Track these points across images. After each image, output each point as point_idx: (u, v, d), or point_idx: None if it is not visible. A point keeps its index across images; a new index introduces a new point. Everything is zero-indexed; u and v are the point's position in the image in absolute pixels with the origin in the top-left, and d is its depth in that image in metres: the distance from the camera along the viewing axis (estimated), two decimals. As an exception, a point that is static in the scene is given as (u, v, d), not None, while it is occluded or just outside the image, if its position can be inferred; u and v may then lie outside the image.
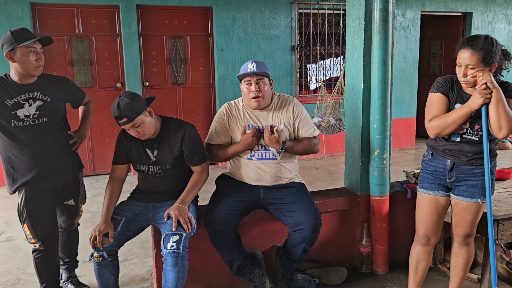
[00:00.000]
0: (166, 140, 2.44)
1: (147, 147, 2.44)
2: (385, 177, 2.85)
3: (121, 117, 2.25)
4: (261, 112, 2.58)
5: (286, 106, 2.60)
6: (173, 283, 2.24)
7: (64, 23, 5.58)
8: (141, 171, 2.50)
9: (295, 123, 2.60)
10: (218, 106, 6.25)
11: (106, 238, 2.29)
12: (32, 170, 2.36)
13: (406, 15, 6.99)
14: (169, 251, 2.22)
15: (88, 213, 4.28)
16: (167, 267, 2.24)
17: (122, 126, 2.31)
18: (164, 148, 2.43)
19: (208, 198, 2.62)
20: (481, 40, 2.08)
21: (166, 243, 2.24)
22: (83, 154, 5.68)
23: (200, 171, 2.50)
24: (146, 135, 2.36)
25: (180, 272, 2.24)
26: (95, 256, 2.30)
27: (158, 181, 2.48)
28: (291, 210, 2.45)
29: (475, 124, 2.21)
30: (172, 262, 2.22)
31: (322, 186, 5.02)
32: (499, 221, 2.45)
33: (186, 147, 2.43)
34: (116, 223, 2.36)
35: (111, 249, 2.32)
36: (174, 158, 2.44)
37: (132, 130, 2.31)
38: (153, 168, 2.45)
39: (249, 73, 2.46)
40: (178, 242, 2.23)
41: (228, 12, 6.10)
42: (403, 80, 7.16)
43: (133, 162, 2.50)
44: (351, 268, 3.00)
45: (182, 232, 2.27)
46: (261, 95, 2.49)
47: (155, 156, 2.44)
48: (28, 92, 2.32)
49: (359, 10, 2.81)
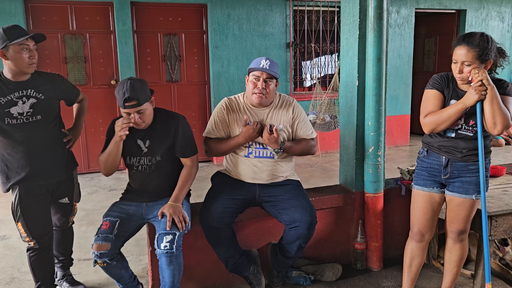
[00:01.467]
0: (158, 130, 2.41)
1: (139, 138, 2.40)
2: (379, 174, 2.86)
3: (132, 99, 2.19)
4: (261, 110, 2.58)
5: (287, 106, 2.60)
6: (170, 279, 2.27)
7: (58, 20, 5.54)
8: (131, 165, 2.44)
9: (295, 124, 2.60)
10: (213, 103, 6.24)
11: (105, 243, 2.24)
12: (26, 168, 2.34)
13: (400, 12, 7.01)
14: (163, 251, 2.22)
15: (83, 211, 4.27)
16: (162, 265, 2.26)
17: (126, 110, 2.24)
18: (156, 138, 2.41)
19: (203, 195, 2.62)
20: (477, 37, 2.10)
21: (160, 243, 2.23)
22: (77, 152, 5.65)
23: (190, 165, 2.48)
24: (143, 124, 2.32)
25: (175, 269, 2.26)
26: (99, 263, 2.28)
27: (149, 177, 2.45)
28: (286, 208, 2.46)
29: (470, 120, 2.22)
30: (167, 261, 2.23)
31: (317, 183, 5.03)
32: (492, 218, 2.47)
33: (179, 137, 2.41)
34: (112, 225, 2.32)
35: (112, 253, 2.28)
36: (165, 149, 2.41)
37: (134, 115, 2.25)
38: (144, 160, 2.41)
39: (261, 69, 2.46)
40: (172, 242, 2.22)
41: (222, 9, 6.08)
42: (398, 77, 7.18)
43: (124, 155, 2.44)
44: (346, 265, 3.02)
45: (175, 231, 2.26)
46: (265, 93, 2.49)
47: (146, 147, 2.41)
48: (22, 89, 2.30)
49: (354, 8, 2.81)
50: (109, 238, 2.27)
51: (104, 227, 2.31)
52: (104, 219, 2.37)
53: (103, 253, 2.24)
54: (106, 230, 2.29)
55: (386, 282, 2.83)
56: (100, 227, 2.34)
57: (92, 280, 2.93)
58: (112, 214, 2.39)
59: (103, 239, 2.25)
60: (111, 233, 2.28)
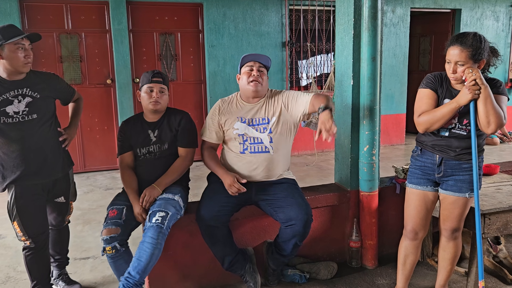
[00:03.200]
0: (166, 122, 2.59)
1: (150, 129, 2.57)
2: (374, 172, 2.88)
3: (159, 76, 2.53)
4: (253, 105, 2.61)
5: (276, 95, 2.65)
6: (147, 259, 2.18)
7: (53, 19, 5.52)
8: (139, 156, 2.58)
9: (288, 100, 2.59)
10: (209, 103, 6.24)
11: (115, 227, 2.31)
12: (22, 167, 2.34)
13: (396, 11, 7.03)
14: (153, 224, 2.23)
15: (79, 210, 4.27)
16: (146, 239, 2.21)
17: (151, 84, 2.51)
18: (164, 128, 2.58)
19: (199, 194, 2.63)
20: (470, 37, 2.11)
21: (152, 217, 2.27)
22: (73, 151, 5.65)
23: (184, 156, 2.59)
24: (159, 105, 2.52)
25: (157, 249, 2.21)
26: (107, 250, 2.30)
27: (154, 164, 2.55)
28: (282, 206, 2.47)
29: (464, 119, 2.24)
30: (154, 234, 2.21)
31: (313, 182, 5.05)
32: (486, 216, 2.49)
33: (181, 128, 2.57)
34: (119, 212, 2.39)
35: (121, 238, 2.33)
36: (172, 137, 2.57)
37: (157, 91, 2.51)
38: (153, 148, 2.57)
39: (253, 58, 2.55)
40: (164, 218, 2.26)
41: (218, 8, 6.09)
42: (393, 76, 7.20)
43: (134, 147, 2.59)
44: (341, 263, 3.03)
45: (168, 211, 2.30)
46: (260, 81, 2.54)
47: (155, 136, 2.57)
48: (17, 88, 2.31)
49: (348, 7, 2.82)
50: (118, 223, 2.34)
51: (112, 214, 2.38)
52: (110, 208, 2.43)
53: (113, 236, 2.30)
54: (115, 216, 2.37)
55: (381, 280, 2.85)
56: (107, 215, 2.41)
57: (88, 279, 2.94)
58: (117, 202, 2.47)
59: (112, 224, 2.33)
60: (119, 219, 2.36)
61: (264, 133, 2.57)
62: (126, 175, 2.56)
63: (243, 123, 2.57)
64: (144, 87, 2.53)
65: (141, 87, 2.58)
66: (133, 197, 2.45)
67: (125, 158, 2.61)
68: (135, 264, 2.19)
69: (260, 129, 2.57)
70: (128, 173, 2.57)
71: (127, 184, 2.52)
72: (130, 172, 2.58)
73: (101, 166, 5.96)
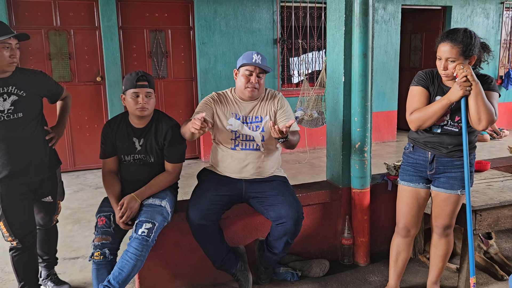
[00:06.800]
0: (152, 131, 2.46)
1: (135, 136, 2.46)
2: (366, 169, 2.87)
3: (144, 79, 2.35)
4: (249, 103, 2.60)
5: (272, 98, 2.63)
6: (129, 270, 2.17)
7: (41, 16, 5.44)
8: (124, 161, 2.50)
9: (277, 113, 2.60)
10: (200, 100, 6.17)
11: (105, 236, 2.30)
12: (7, 167, 2.29)
13: (387, 8, 7.04)
14: (139, 236, 2.20)
15: (68, 210, 4.22)
16: (130, 250, 2.19)
17: (137, 89, 2.34)
18: (150, 138, 2.46)
19: (189, 193, 2.61)
20: (460, 33, 2.10)
21: (138, 228, 2.23)
22: (62, 150, 5.58)
23: (170, 172, 2.51)
24: (146, 111, 2.39)
25: (139, 261, 2.19)
26: (96, 255, 2.27)
27: (139, 168, 2.49)
28: (273, 204, 2.46)
29: (455, 116, 2.24)
30: (138, 246, 2.19)
31: (305, 179, 5.04)
32: (477, 212, 2.49)
33: (168, 142, 2.45)
34: (108, 220, 2.36)
35: (112, 246, 2.31)
36: (158, 150, 2.47)
37: (143, 96, 2.35)
38: (138, 156, 2.47)
39: (254, 63, 2.49)
40: (150, 230, 2.23)
41: (209, 5, 6.04)
42: (384, 73, 7.22)
43: (119, 153, 2.50)
44: (333, 260, 3.03)
45: (155, 221, 2.27)
46: (257, 87, 2.53)
47: (140, 145, 2.46)
48: (3, 86, 2.25)
49: (340, 4, 2.80)
50: (108, 231, 2.33)
51: (101, 223, 2.35)
52: (98, 216, 2.40)
53: (105, 243, 2.29)
54: (104, 225, 2.34)
55: (373, 277, 2.84)
56: (96, 224, 2.38)
57: (77, 279, 2.90)
58: (104, 209, 2.42)
59: (102, 233, 2.31)
60: (109, 227, 2.34)
61: (256, 131, 2.55)
62: (107, 180, 2.47)
63: (237, 120, 2.56)
64: (129, 91, 2.37)
65: (125, 90, 2.41)
66: (114, 204, 2.38)
67: (107, 163, 2.52)
68: (116, 273, 2.17)
69: (253, 127, 2.56)
70: (109, 178, 2.48)
71: (109, 190, 2.43)
72: (112, 176, 2.49)
73: (91, 164, 5.90)
